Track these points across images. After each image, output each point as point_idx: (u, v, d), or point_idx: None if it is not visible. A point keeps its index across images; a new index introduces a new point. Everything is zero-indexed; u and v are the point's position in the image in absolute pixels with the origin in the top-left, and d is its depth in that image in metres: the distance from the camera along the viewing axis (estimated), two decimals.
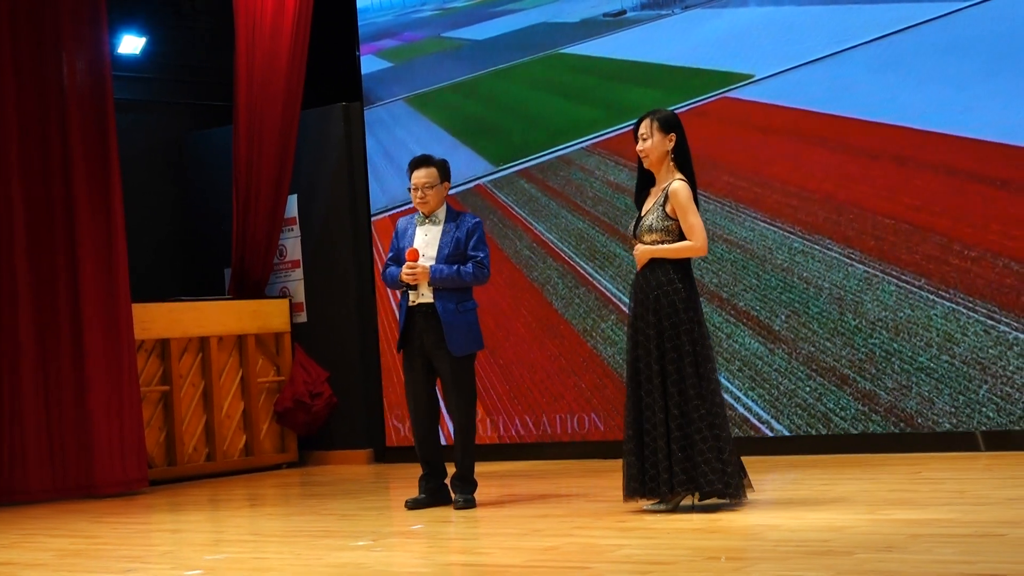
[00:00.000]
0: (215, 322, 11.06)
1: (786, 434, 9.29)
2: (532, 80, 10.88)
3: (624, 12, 10.41)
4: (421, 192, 7.85)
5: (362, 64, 11.69)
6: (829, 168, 9.32)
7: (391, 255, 8.03)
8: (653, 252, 6.92)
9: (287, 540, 7.22)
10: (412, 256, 7.76)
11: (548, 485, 8.87)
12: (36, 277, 9.88)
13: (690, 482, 6.76)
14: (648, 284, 6.92)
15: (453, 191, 10.75)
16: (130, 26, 11.87)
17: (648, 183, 7.13)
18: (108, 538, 7.78)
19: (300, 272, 11.67)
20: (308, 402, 11.28)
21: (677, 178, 6.95)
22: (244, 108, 11.33)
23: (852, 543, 5.54)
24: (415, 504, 7.84)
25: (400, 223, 8.08)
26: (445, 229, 7.87)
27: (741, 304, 9.53)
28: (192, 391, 10.94)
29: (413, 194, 7.89)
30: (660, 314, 6.85)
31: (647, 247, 6.96)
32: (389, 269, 7.98)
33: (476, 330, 7.88)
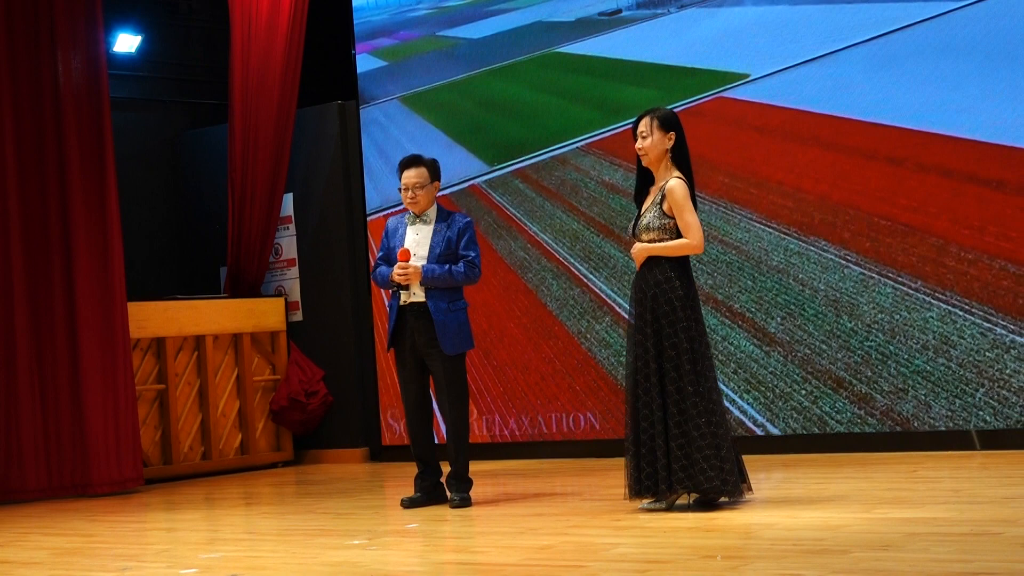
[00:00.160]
0: (211, 321, 11.06)
1: (781, 433, 9.29)
2: (527, 79, 10.88)
3: (619, 11, 10.40)
4: (411, 192, 7.85)
5: (357, 63, 11.68)
6: (825, 169, 9.31)
7: (381, 254, 8.03)
8: (650, 250, 6.94)
9: (283, 539, 7.21)
10: (404, 256, 7.77)
11: (543, 484, 8.87)
12: (31, 275, 9.88)
13: (688, 480, 6.76)
14: (646, 283, 6.93)
15: (448, 191, 10.79)
16: (126, 25, 11.86)
17: (647, 181, 7.12)
18: (104, 537, 7.77)
19: (296, 271, 11.67)
20: (304, 401, 11.29)
21: (674, 176, 6.96)
22: (240, 107, 11.33)
23: (848, 542, 5.55)
24: (411, 503, 7.84)
25: (390, 222, 8.09)
26: (436, 228, 7.87)
27: (736, 306, 9.53)
28: (188, 390, 10.93)
29: (403, 194, 7.90)
30: (657, 312, 6.86)
31: (644, 245, 6.97)
32: (379, 269, 7.99)
33: (467, 329, 7.89)
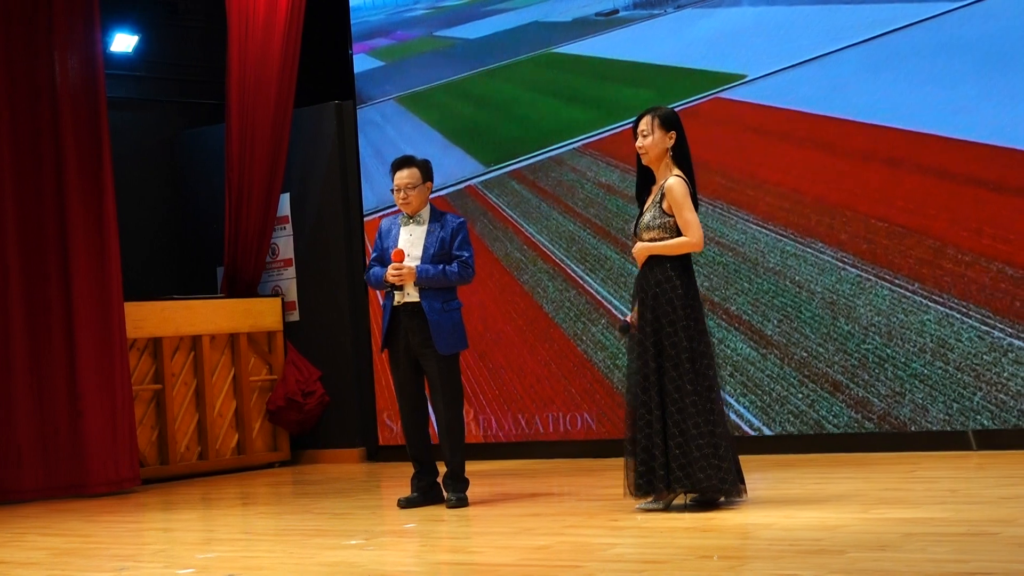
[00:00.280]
0: (207, 321, 11.05)
1: (778, 430, 9.28)
2: (524, 80, 10.87)
3: (616, 11, 10.40)
4: (403, 193, 7.86)
5: (354, 63, 11.68)
6: (821, 170, 9.29)
7: (375, 255, 8.04)
8: (650, 249, 6.94)
9: (279, 539, 7.21)
10: (398, 257, 7.77)
11: (540, 484, 8.87)
12: (28, 275, 9.87)
13: (686, 479, 6.76)
14: (647, 283, 6.93)
15: (444, 192, 10.78)
16: (123, 24, 11.85)
17: (649, 180, 7.12)
18: (100, 537, 7.77)
19: (292, 271, 11.66)
20: (300, 401, 11.28)
21: (674, 174, 6.95)
22: (236, 106, 11.32)
23: (845, 542, 5.55)
24: (407, 503, 7.85)
25: (384, 224, 8.10)
26: (429, 229, 7.88)
27: (733, 308, 9.51)
28: (184, 390, 10.93)
29: (396, 195, 7.90)
30: (658, 312, 6.86)
31: (644, 244, 6.97)
32: (373, 270, 7.99)
33: (461, 329, 7.90)
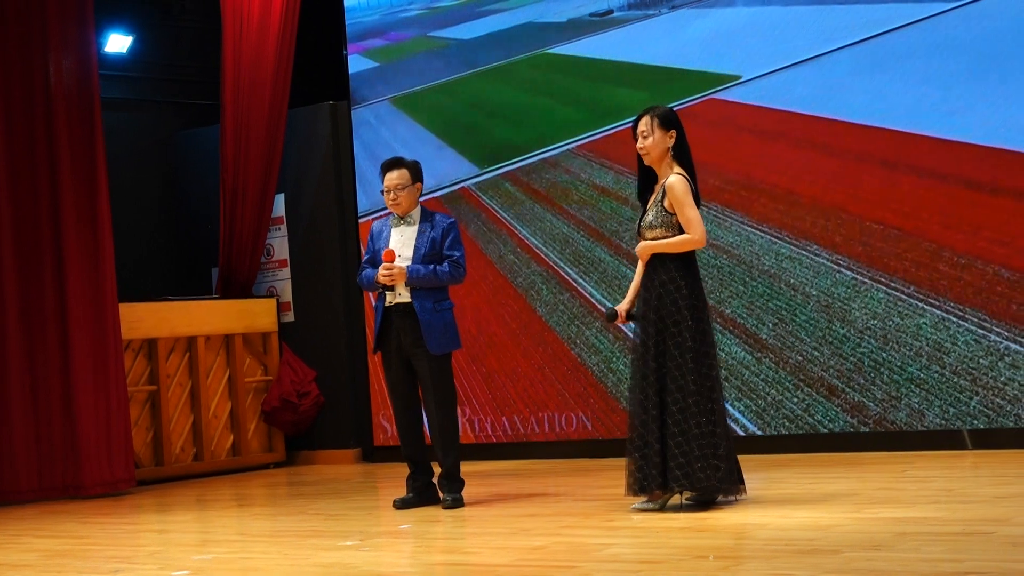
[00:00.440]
0: (202, 322, 11.05)
1: (773, 434, 9.28)
2: (518, 80, 10.86)
3: (611, 12, 10.40)
4: (393, 194, 7.86)
5: (349, 64, 11.67)
6: (816, 171, 9.27)
7: (367, 257, 8.05)
8: (654, 247, 6.93)
9: (274, 540, 7.21)
10: (388, 257, 7.77)
11: (536, 484, 8.87)
12: (23, 276, 9.86)
13: (685, 478, 6.76)
14: (651, 282, 6.93)
15: (438, 194, 10.78)
16: (117, 25, 11.84)
17: (650, 179, 7.11)
18: (95, 538, 7.77)
19: (287, 271, 11.66)
20: (295, 402, 11.28)
21: (675, 172, 6.95)
22: (231, 107, 11.32)
23: (839, 542, 5.55)
24: (403, 504, 7.84)
25: (375, 225, 8.11)
26: (420, 229, 7.88)
27: (727, 311, 9.50)
28: (179, 391, 10.92)
29: (386, 196, 7.91)
30: (662, 312, 6.86)
31: (648, 243, 6.96)
32: (365, 271, 8.00)
33: (453, 329, 7.90)
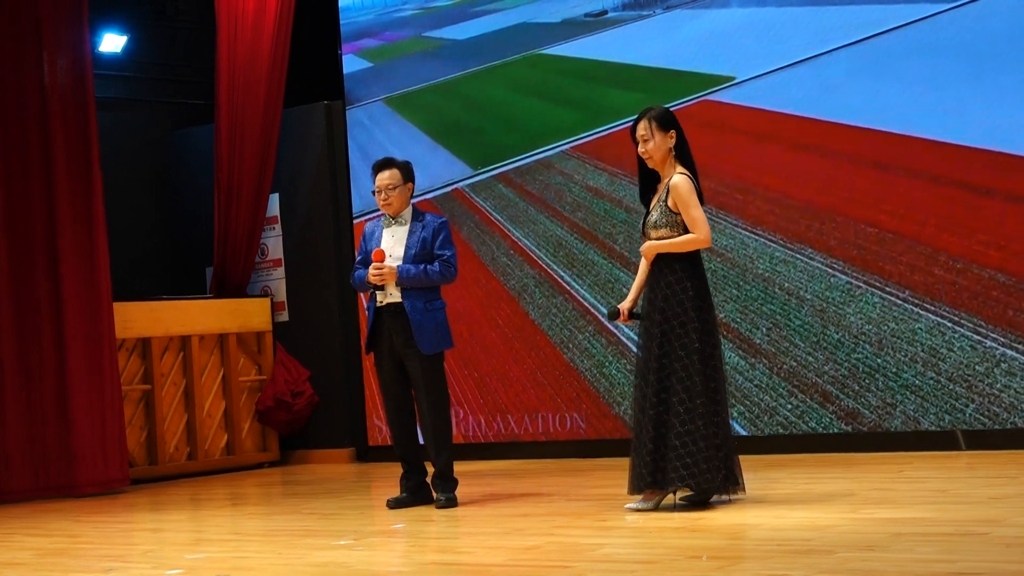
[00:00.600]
0: (196, 321, 11.04)
1: (768, 434, 9.28)
2: (512, 81, 10.85)
3: (605, 12, 10.40)
4: (384, 194, 7.86)
5: (343, 64, 11.66)
6: (811, 174, 9.24)
7: (359, 258, 8.05)
8: (659, 247, 6.93)
9: (268, 539, 7.21)
10: (378, 257, 7.78)
11: (529, 484, 8.87)
12: (17, 275, 9.86)
13: (691, 477, 6.76)
14: (657, 283, 6.93)
15: (431, 195, 10.78)
16: (111, 25, 11.84)
17: (651, 180, 7.10)
18: (89, 537, 7.76)
19: (282, 271, 11.66)
20: (290, 401, 11.28)
21: (678, 172, 6.95)
22: (226, 107, 11.31)
23: (834, 542, 5.56)
24: (396, 503, 7.85)
25: (367, 226, 8.12)
26: (411, 229, 7.88)
27: (721, 315, 9.38)
28: (173, 390, 10.92)
29: (377, 196, 7.91)
30: (667, 313, 6.85)
31: (653, 243, 6.95)
32: (357, 272, 8.00)
33: (445, 329, 7.90)
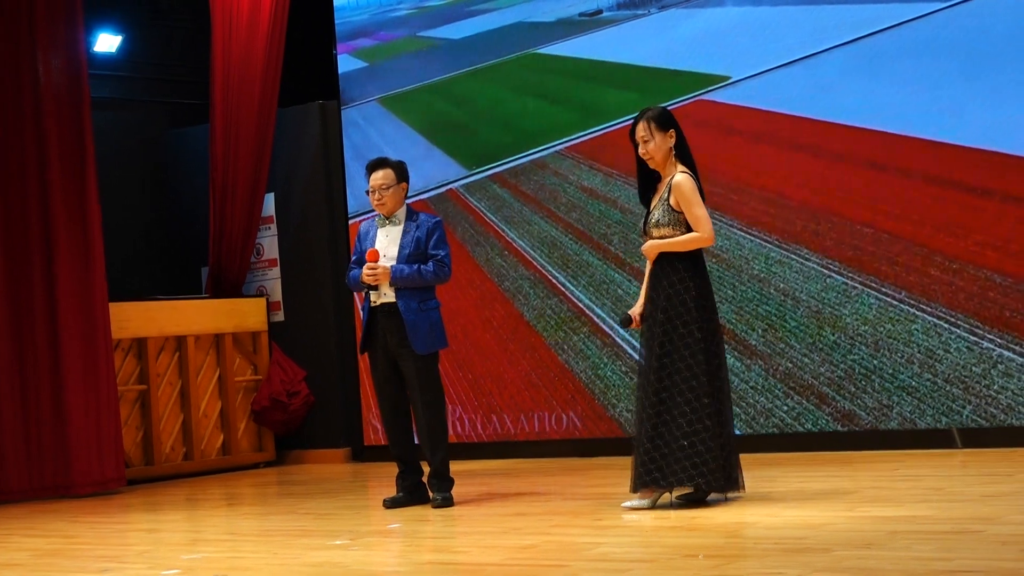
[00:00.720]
0: (192, 321, 11.04)
1: (764, 433, 9.28)
2: (507, 81, 10.85)
3: (600, 11, 10.40)
4: (378, 194, 7.86)
5: (338, 63, 11.66)
6: (806, 173, 9.23)
7: (354, 258, 8.05)
8: (661, 246, 6.92)
9: (264, 539, 7.21)
10: (372, 257, 7.78)
11: (524, 483, 8.87)
12: (12, 276, 9.85)
13: (699, 476, 6.76)
14: (659, 282, 6.92)
15: (425, 195, 10.78)
16: (106, 24, 11.83)
17: (651, 179, 7.09)
18: (85, 538, 7.76)
19: (277, 271, 11.65)
20: (285, 401, 11.27)
21: (679, 171, 6.94)
22: (221, 106, 11.31)
23: (830, 540, 5.56)
24: (393, 503, 7.84)
25: (362, 226, 8.12)
26: (405, 229, 7.88)
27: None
28: (169, 390, 10.91)
29: (371, 196, 7.91)
30: (671, 312, 6.85)
31: (655, 242, 6.95)
32: (352, 272, 8.01)
33: (440, 328, 7.89)
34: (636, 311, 7.08)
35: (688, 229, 6.90)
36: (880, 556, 5.17)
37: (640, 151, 7.00)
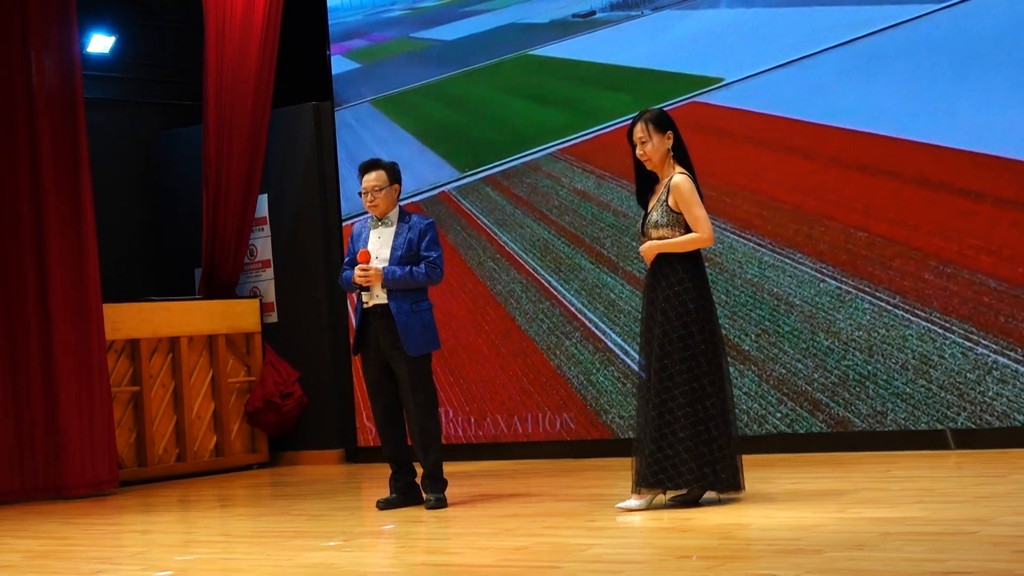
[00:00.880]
0: (185, 322, 11.03)
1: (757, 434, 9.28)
2: (500, 83, 10.83)
3: (593, 13, 10.39)
4: (371, 196, 7.86)
5: (332, 64, 11.65)
6: (800, 176, 9.20)
7: (347, 260, 8.05)
8: (659, 247, 6.92)
9: (258, 541, 7.21)
10: (364, 258, 7.78)
11: (518, 485, 8.87)
12: (5, 276, 9.84)
13: (704, 478, 6.77)
14: (658, 284, 6.92)
15: (418, 198, 10.78)
16: (99, 25, 11.83)
17: (648, 180, 7.09)
18: (78, 539, 7.75)
19: (271, 272, 11.65)
20: (279, 402, 11.27)
21: (678, 172, 6.95)
22: (214, 107, 11.31)
23: (822, 541, 5.57)
24: (386, 504, 7.84)
25: (355, 228, 8.12)
26: (398, 230, 7.88)
27: None
28: (162, 391, 10.90)
29: (364, 198, 7.91)
30: (670, 313, 6.85)
31: (654, 243, 6.94)
32: (344, 273, 8.00)
33: (432, 330, 7.89)
34: None
35: (687, 230, 6.90)
36: (872, 557, 5.18)
37: (638, 152, 7.00)
